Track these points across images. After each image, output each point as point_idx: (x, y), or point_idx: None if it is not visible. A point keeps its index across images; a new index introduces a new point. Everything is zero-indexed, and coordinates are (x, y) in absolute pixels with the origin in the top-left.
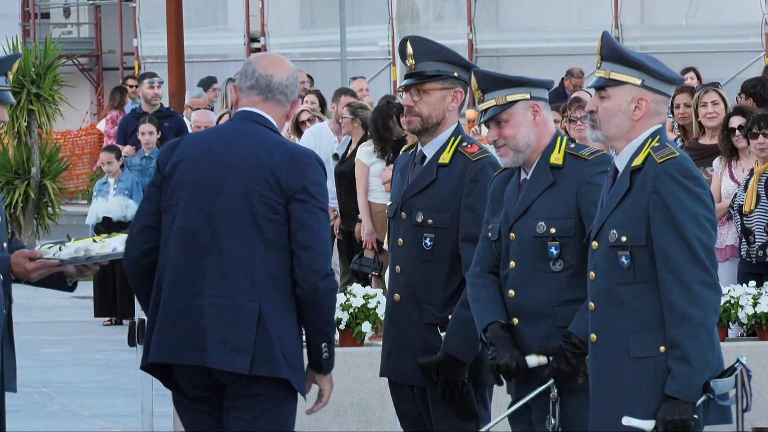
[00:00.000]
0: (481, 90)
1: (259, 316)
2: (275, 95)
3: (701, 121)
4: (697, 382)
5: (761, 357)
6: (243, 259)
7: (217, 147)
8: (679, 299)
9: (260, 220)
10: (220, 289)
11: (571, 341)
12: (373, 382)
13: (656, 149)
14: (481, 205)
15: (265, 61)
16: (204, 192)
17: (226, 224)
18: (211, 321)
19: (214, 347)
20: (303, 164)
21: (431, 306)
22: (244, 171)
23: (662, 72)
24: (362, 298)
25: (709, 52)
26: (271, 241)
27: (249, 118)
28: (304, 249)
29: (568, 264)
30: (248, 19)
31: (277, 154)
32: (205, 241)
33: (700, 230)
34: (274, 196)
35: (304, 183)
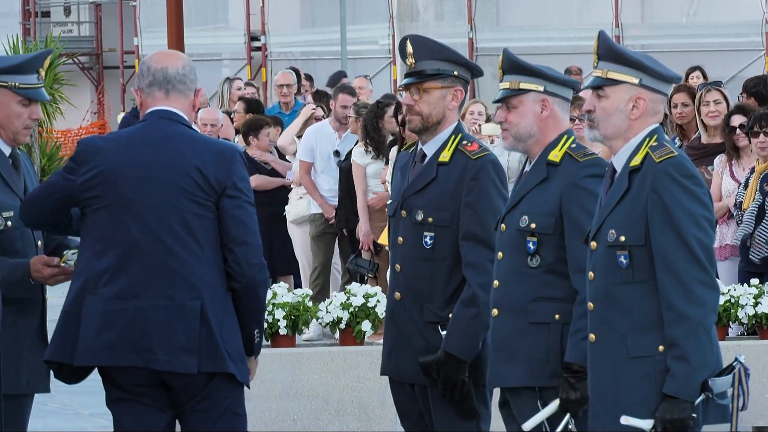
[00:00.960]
0: (502, 70)
1: (201, 314)
2: (175, 86)
3: (703, 119)
4: (696, 381)
5: (762, 356)
6: (178, 259)
7: (140, 149)
8: (677, 299)
9: (191, 219)
10: (160, 291)
11: (571, 369)
12: (373, 381)
13: (654, 148)
14: (481, 203)
15: (157, 57)
16: (132, 194)
17: (158, 225)
18: (154, 323)
19: (161, 349)
20: (229, 160)
21: (432, 305)
22: (171, 171)
23: (660, 71)
24: (362, 297)
25: (709, 50)
26: (204, 239)
27: (161, 116)
28: (240, 245)
29: (544, 261)
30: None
31: (201, 151)
32: (138, 244)
33: (699, 230)
34: (203, 194)
35: (233, 179)
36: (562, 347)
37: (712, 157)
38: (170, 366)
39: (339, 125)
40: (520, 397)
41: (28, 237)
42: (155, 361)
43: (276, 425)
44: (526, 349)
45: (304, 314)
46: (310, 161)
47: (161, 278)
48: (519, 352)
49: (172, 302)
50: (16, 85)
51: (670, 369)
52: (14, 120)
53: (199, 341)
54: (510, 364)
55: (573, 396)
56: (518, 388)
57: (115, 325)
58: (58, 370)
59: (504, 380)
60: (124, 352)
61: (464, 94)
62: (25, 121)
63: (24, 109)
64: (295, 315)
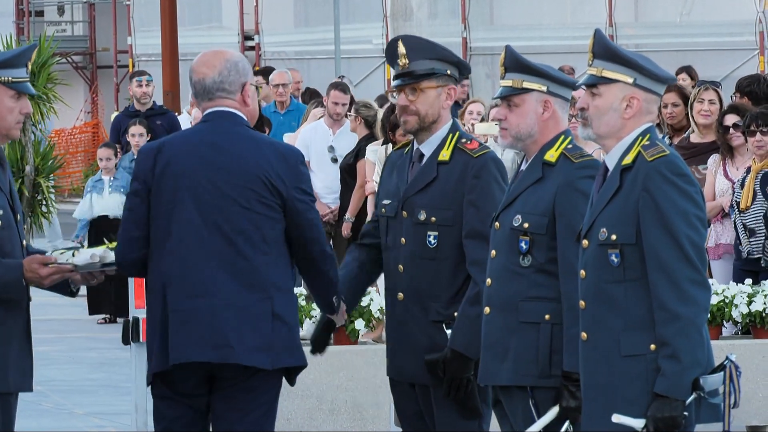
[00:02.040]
0: (504, 67)
1: (272, 313)
2: (216, 93)
3: (694, 117)
4: (687, 380)
5: (755, 355)
6: (250, 259)
7: (205, 149)
8: (669, 297)
9: (260, 220)
10: (233, 290)
11: (571, 378)
12: (367, 380)
13: (646, 147)
14: (484, 201)
15: (197, 65)
16: (202, 195)
17: (229, 226)
18: (230, 320)
19: (239, 345)
20: (294, 164)
21: (436, 303)
22: (240, 173)
23: (654, 71)
24: None
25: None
26: (272, 239)
27: (221, 116)
28: (313, 242)
29: (536, 261)
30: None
31: (268, 154)
32: (211, 244)
33: (690, 228)
34: (271, 196)
35: (300, 182)
36: (551, 347)
37: (702, 156)
38: (249, 360)
39: (332, 122)
40: (512, 396)
41: (15, 238)
42: (234, 356)
43: None
44: (515, 348)
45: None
46: (306, 160)
47: (234, 278)
48: (508, 351)
49: (245, 301)
50: (9, 80)
51: (661, 368)
52: (7, 115)
53: (272, 338)
54: (500, 362)
55: (573, 404)
56: (509, 387)
57: (192, 323)
58: None
59: (494, 378)
60: (204, 348)
61: (456, 92)
62: (17, 116)
63: (15, 104)
64: None
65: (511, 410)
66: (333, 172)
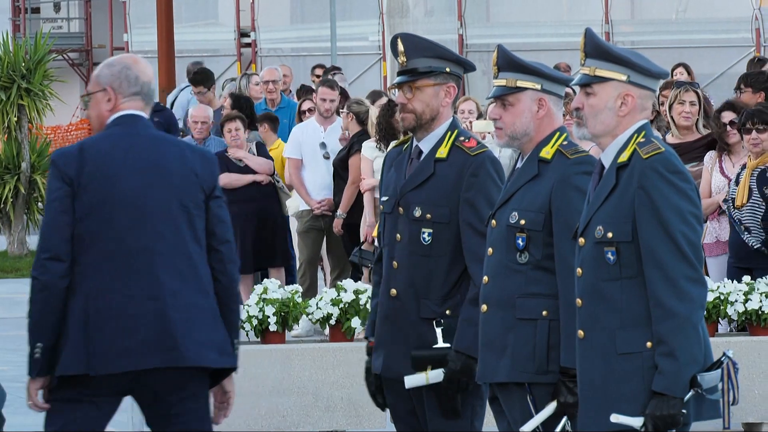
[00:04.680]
0: (497, 66)
1: (206, 314)
2: (151, 101)
3: (674, 117)
4: (685, 377)
5: (751, 352)
6: (187, 259)
7: (129, 152)
8: (665, 295)
9: (194, 220)
10: (176, 291)
11: (569, 374)
12: (362, 377)
13: (642, 145)
14: (481, 199)
15: (142, 67)
16: (134, 198)
17: (164, 227)
18: (176, 322)
19: (187, 346)
20: (212, 162)
21: (429, 301)
22: (170, 173)
23: (647, 67)
24: (353, 293)
25: (699, 47)
26: (201, 238)
27: (139, 122)
28: (224, 243)
29: (533, 258)
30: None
31: (189, 154)
32: (148, 247)
33: (686, 226)
34: (200, 194)
35: (216, 180)
36: (549, 343)
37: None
38: (199, 360)
39: (323, 119)
40: (509, 392)
41: None
42: (182, 359)
43: (265, 422)
44: (512, 344)
45: (294, 310)
46: (299, 158)
47: (174, 279)
48: (506, 348)
49: (190, 301)
50: None
51: (658, 366)
52: None
53: (219, 337)
54: (497, 359)
55: (570, 400)
56: (507, 384)
57: (132, 328)
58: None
59: (492, 375)
60: (146, 355)
61: (457, 90)
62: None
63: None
64: (285, 311)
65: (508, 407)
66: (325, 169)
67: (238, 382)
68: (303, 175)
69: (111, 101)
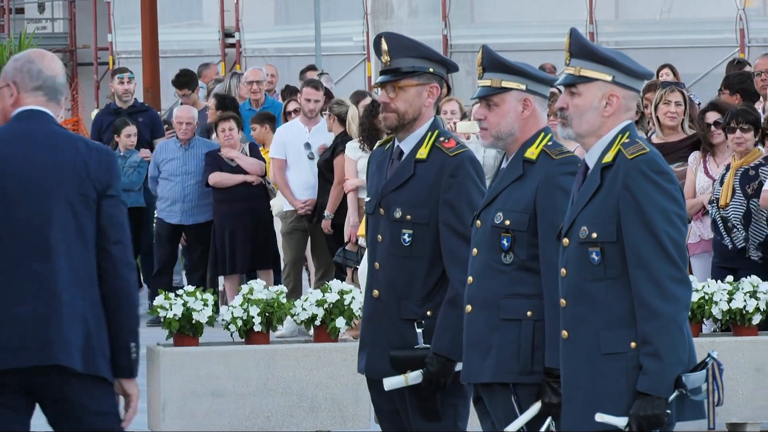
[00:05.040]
0: (482, 67)
1: (85, 315)
2: (57, 96)
3: (659, 117)
4: (669, 377)
5: (735, 353)
6: (70, 259)
7: (23, 147)
8: (649, 295)
9: (81, 218)
10: (53, 292)
11: (553, 374)
12: (347, 377)
13: (626, 145)
14: (460, 200)
15: (47, 61)
16: (20, 194)
17: (50, 225)
18: (49, 322)
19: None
20: (109, 160)
21: (410, 302)
22: (61, 170)
23: (632, 67)
24: (337, 294)
25: (684, 47)
26: (89, 238)
27: (40, 117)
28: (116, 244)
29: (518, 258)
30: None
31: (84, 150)
32: (33, 244)
33: (671, 226)
34: (90, 193)
35: (112, 178)
36: (533, 344)
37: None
38: (67, 361)
39: (307, 119)
40: (494, 393)
41: None
42: (56, 359)
43: (250, 422)
44: (497, 345)
45: (278, 311)
46: (283, 158)
47: (54, 279)
48: (491, 348)
49: (61, 302)
50: None
51: (643, 366)
52: None
53: (84, 342)
54: (482, 360)
55: (555, 400)
56: (491, 384)
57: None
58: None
59: (476, 376)
60: (27, 352)
61: (440, 91)
62: None
63: None
64: (270, 312)
65: (492, 407)
66: (310, 169)
67: (223, 383)
68: (287, 176)
69: (13, 96)
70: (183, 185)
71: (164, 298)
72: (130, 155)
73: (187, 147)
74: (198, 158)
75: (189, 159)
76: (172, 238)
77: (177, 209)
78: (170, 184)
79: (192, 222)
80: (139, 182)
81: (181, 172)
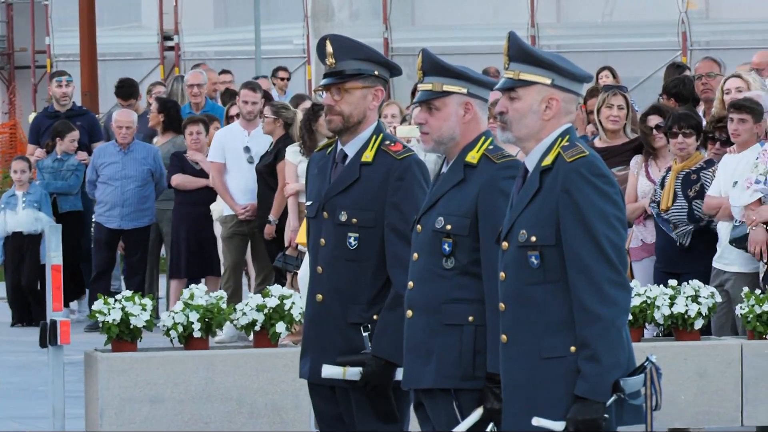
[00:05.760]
0: (422, 71)
1: None
2: None
3: (602, 121)
4: (607, 381)
5: (677, 358)
6: None
7: None
8: (589, 299)
9: None
10: None
11: (495, 380)
12: (287, 383)
13: (566, 148)
14: (407, 203)
15: None
16: None
17: None
18: None
19: None
20: None
21: (356, 306)
22: None
23: (572, 70)
24: (277, 299)
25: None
26: None
27: None
28: None
29: (459, 263)
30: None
31: None
32: None
33: (610, 229)
34: None
35: None
36: (475, 348)
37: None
38: None
39: (247, 122)
40: (435, 399)
41: None
42: None
43: (189, 428)
44: (438, 350)
45: (218, 316)
46: (222, 161)
47: None
48: (432, 354)
49: None
50: None
51: (581, 370)
52: None
53: None
54: (423, 365)
55: (497, 406)
56: (432, 390)
57: None
58: None
59: (417, 382)
60: None
61: (384, 94)
62: None
63: None
64: (210, 317)
65: (434, 413)
66: (249, 174)
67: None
68: (227, 180)
69: None
70: (122, 190)
71: (103, 303)
72: (67, 158)
73: (127, 151)
74: (138, 162)
75: (128, 163)
76: (110, 242)
77: (116, 214)
78: (109, 189)
79: (131, 227)
80: (77, 186)
81: (121, 176)
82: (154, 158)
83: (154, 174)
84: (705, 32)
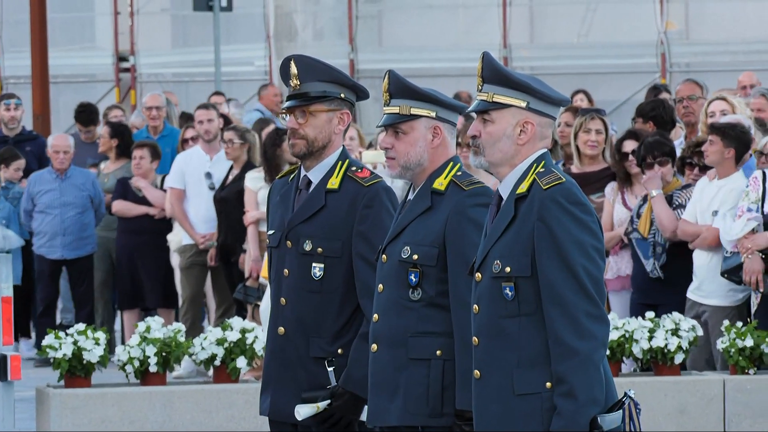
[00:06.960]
0: (389, 93)
1: None
2: None
3: (579, 146)
4: (584, 418)
5: (657, 393)
6: None
7: None
8: (565, 332)
9: None
10: None
11: (464, 417)
12: (248, 420)
13: (541, 175)
14: (375, 232)
15: None
16: None
17: None
18: None
19: None
20: None
21: (320, 339)
22: None
23: (548, 93)
24: (239, 332)
25: (602, 72)
26: None
27: None
28: None
29: (426, 294)
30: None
31: None
32: None
33: (587, 260)
34: None
35: None
36: (443, 384)
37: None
38: None
39: (209, 147)
40: None
41: None
42: None
43: None
44: (404, 385)
45: (176, 350)
46: (181, 188)
47: None
48: (398, 389)
49: None
50: None
51: (557, 406)
52: None
53: None
54: (388, 401)
55: None
56: (398, 428)
57: None
58: None
59: (383, 419)
60: None
61: (350, 118)
62: None
63: None
64: (167, 351)
65: None
66: (210, 201)
67: (117, 426)
68: (186, 208)
69: None
70: (62, 218)
71: (54, 338)
72: (12, 187)
73: (64, 177)
74: (76, 188)
75: (67, 190)
76: (53, 274)
77: (57, 243)
78: (48, 218)
79: (74, 256)
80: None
81: (59, 204)
82: (93, 184)
83: (93, 200)
84: (685, 53)
